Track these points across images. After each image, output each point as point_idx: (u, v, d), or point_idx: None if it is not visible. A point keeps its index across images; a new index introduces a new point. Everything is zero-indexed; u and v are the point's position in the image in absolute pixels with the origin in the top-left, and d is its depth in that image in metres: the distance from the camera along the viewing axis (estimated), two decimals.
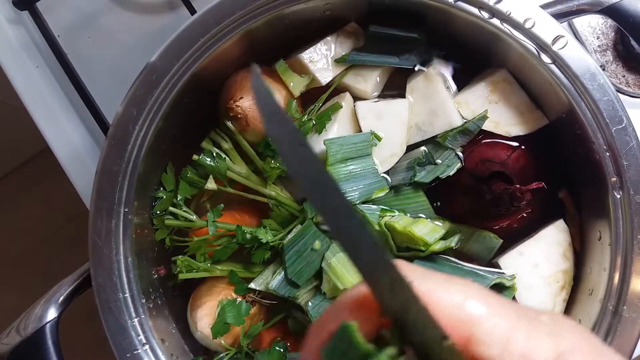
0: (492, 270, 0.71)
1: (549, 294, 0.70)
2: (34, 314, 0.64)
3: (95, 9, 0.86)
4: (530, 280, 0.70)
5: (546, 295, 0.70)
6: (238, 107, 0.70)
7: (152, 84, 0.64)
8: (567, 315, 0.70)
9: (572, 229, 0.72)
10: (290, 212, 0.74)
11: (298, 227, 0.71)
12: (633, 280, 0.61)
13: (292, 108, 0.73)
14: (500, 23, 0.64)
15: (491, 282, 0.68)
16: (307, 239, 0.70)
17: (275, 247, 0.71)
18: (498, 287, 0.69)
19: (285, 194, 0.75)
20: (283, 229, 0.73)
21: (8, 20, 0.86)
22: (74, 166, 0.83)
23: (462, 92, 0.74)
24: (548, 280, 0.70)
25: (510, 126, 0.73)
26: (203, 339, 0.72)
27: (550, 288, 0.70)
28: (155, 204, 0.72)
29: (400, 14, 0.70)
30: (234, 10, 0.64)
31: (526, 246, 0.70)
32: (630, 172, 0.62)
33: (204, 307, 0.71)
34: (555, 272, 0.70)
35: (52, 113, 0.84)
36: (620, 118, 0.62)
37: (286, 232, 0.71)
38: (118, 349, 0.64)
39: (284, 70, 0.73)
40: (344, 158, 0.71)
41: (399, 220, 0.69)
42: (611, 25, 0.84)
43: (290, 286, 0.71)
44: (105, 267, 0.64)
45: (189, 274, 0.72)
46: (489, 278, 0.69)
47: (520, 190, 0.65)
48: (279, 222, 0.74)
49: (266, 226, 0.72)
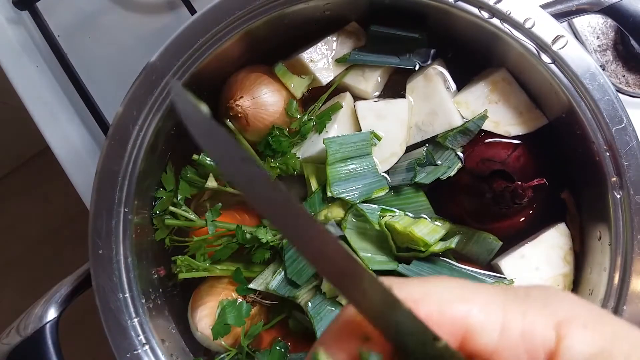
0: (491, 274, 0.71)
1: None
2: (34, 314, 0.64)
3: (95, 9, 0.86)
4: (530, 282, 0.69)
5: None
6: (238, 107, 0.70)
7: (152, 84, 0.64)
8: None
9: (572, 229, 0.72)
10: None
11: None
12: (633, 280, 0.61)
13: (293, 108, 0.73)
14: (500, 23, 0.64)
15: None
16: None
17: (275, 246, 0.71)
18: None
19: None
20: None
21: (8, 20, 0.86)
22: (74, 166, 0.83)
23: (462, 92, 0.74)
24: (548, 284, 0.70)
25: (510, 126, 0.73)
26: (203, 340, 0.71)
27: None
28: (155, 204, 0.72)
29: (401, 13, 0.71)
30: (233, 10, 0.64)
31: (527, 249, 0.70)
32: (630, 172, 0.62)
33: (205, 307, 0.71)
34: (555, 275, 0.70)
35: (52, 113, 0.84)
36: (620, 118, 0.62)
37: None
38: (118, 349, 0.64)
39: (283, 73, 0.74)
40: (343, 157, 0.71)
41: (399, 220, 0.69)
42: (611, 25, 0.84)
43: (290, 286, 0.71)
44: (105, 267, 0.64)
45: (189, 273, 0.72)
46: (487, 282, 0.69)
47: (521, 187, 0.65)
48: None
49: (266, 226, 0.72)
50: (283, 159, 0.73)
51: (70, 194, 0.83)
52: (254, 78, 0.72)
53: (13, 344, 0.63)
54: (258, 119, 0.72)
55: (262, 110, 0.72)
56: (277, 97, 0.73)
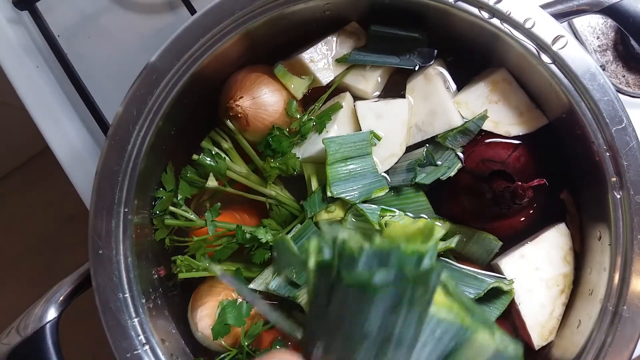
0: (491, 274, 0.71)
1: (549, 297, 0.70)
2: (34, 314, 0.64)
3: (95, 9, 0.86)
4: (531, 283, 0.70)
5: (546, 298, 0.70)
6: (238, 107, 0.70)
7: (152, 84, 0.64)
8: (567, 316, 0.70)
9: (572, 229, 0.72)
10: (290, 211, 0.74)
11: (298, 226, 0.71)
12: (633, 280, 0.61)
13: (293, 108, 0.73)
14: (500, 23, 0.64)
15: (489, 286, 0.68)
16: (307, 239, 0.70)
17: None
18: (496, 291, 0.69)
19: (285, 194, 0.75)
20: (283, 229, 0.73)
21: (8, 20, 0.86)
22: (74, 166, 0.83)
23: (462, 92, 0.74)
24: (549, 284, 0.70)
25: (510, 126, 0.73)
26: (203, 340, 0.72)
27: (550, 291, 0.70)
28: (156, 204, 0.72)
29: (401, 13, 0.71)
30: (233, 11, 0.64)
31: (527, 249, 0.70)
32: (630, 172, 0.62)
33: (205, 307, 0.71)
34: (555, 275, 0.70)
35: (52, 113, 0.83)
36: (620, 118, 0.62)
37: (286, 232, 0.71)
38: (118, 348, 0.64)
39: (283, 74, 0.74)
40: (343, 157, 0.71)
41: (399, 220, 0.69)
42: (611, 25, 0.84)
43: (290, 286, 0.71)
44: (105, 267, 0.64)
45: (189, 273, 0.72)
46: (487, 282, 0.69)
47: (522, 187, 0.65)
48: (279, 221, 0.74)
49: (266, 226, 0.72)
50: (283, 159, 0.73)
51: (70, 194, 0.83)
52: (254, 78, 0.72)
53: (13, 344, 0.63)
54: (258, 119, 0.72)
55: (262, 110, 0.72)
56: (277, 97, 0.73)
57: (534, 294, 0.70)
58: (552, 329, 0.70)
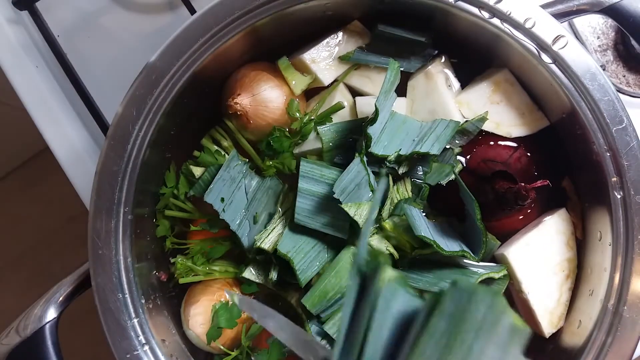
0: (484, 265, 0.70)
1: (555, 283, 0.70)
2: (34, 314, 0.64)
3: (95, 9, 0.86)
4: (537, 270, 0.69)
5: (553, 284, 0.70)
6: (237, 105, 0.70)
7: (152, 84, 0.64)
8: (568, 316, 0.70)
9: (574, 217, 0.72)
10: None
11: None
12: (633, 280, 0.61)
13: (294, 108, 0.73)
14: (500, 23, 0.64)
15: (481, 277, 0.67)
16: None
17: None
18: (488, 281, 0.68)
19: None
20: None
21: (8, 20, 0.85)
22: (74, 166, 0.83)
23: (463, 92, 0.74)
24: (555, 270, 0.70)
25: (512, 127, 0.72)
26: (192, 338, 0.71)
27: (557, 277, 0.70)
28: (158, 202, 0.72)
29: (401, 14, 0.70)
30: (234, 10, 0.64)
31: (531, 237, 0.70)
32: (630, 172, 0.62)
33: (197, 305, 0.71)
34: (560, 260, 0.70)
35: (51, 113, 0.83)
36: (620, 118, 0.62)
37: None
38: (118, 349, 0.64)
39: (286, 67, 0.73)
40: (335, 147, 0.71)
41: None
42: (611, 25, 0.84)
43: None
44: (105, 267, 0.64)
45: (189, 278, 0.72)
46: (478, 273, 0.68)
47: (525, 188, 0.65)
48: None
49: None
50: (280, 158, 0.73)
51: (70, 194, 0.83)
52: (253, 75, 0.72)
53: (12, 345, 0.63)
54: (259, 116, 0.71)
55: (262, 107, 0.71)
56: (277, 92, 0.72)
57: (541, 281, 0.69)
58: (560, 315, 0.70)
